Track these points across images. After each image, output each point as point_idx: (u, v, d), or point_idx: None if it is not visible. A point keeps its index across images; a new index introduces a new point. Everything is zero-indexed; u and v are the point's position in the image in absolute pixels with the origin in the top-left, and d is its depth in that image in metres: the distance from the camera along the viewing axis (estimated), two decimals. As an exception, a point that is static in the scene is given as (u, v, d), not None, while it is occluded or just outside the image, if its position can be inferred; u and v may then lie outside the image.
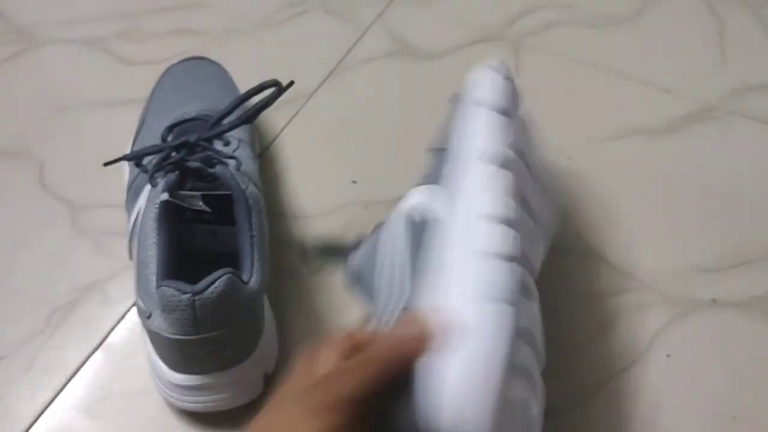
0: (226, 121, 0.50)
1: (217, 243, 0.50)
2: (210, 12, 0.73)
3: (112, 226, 0.56)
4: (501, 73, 0.46)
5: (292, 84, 0.49)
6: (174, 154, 0.49)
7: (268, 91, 0.49)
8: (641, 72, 0.67)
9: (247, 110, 0.50)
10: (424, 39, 0.70)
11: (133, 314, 0.52)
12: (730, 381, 0.50)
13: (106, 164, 0.51)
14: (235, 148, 0.52)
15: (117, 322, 0.52)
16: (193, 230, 0.50)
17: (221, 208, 0.48)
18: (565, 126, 0.61)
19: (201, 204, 0.48)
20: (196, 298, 0.42)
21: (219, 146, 0.51)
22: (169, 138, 0.52)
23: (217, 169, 0.48)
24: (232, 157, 0.49)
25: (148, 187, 0.49)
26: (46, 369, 0.50)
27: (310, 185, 0.59)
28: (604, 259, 0.55)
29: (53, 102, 0.65)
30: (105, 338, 0.52)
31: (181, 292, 0.42)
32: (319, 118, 0.64)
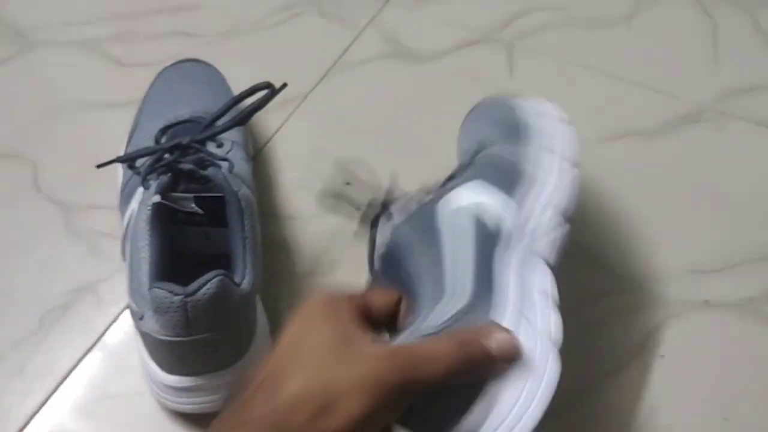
0: (219, 123, 0.51)
1: (210, 245, 0.50)
2: (204, 14, 0.73)
3: (106, 228, 0.56)
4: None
5: (284, 86, 0.49)
6: (167, 156, 0.49)
7: (261, 93, 0.49)
8: (635, 73, 0.67)
9: (240, 112, 0.50)
10: (419, 41, 0.70)
11: (127, 316, 0.52)
12: (723, 382, 0.50)
13: (99, 166, 0.51)
14: (229, 149, 0.52)
15: (110, 324, 0.52)
16: (185, 232, 0.50)
17: (214, 210, 0.48)
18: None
19: (193, 206, 0.49)
20: (188, 299, 0.42)
21: (212, 148, 0.51)
22: (163, 140, 0.52)
23: (210, 171, 0.48)
24: (224, 159, 0.50)
25: (141, 189, 0.49)
26: (40, 371, 0.50)
27: (303, 187, 0.59)
28: (598, 260, 0.55)
29: (47, 104, 0.65)
30: (98, 340, 0.52)
31: (173, 294, 0.42)
32: (313, 120, 0.64)
